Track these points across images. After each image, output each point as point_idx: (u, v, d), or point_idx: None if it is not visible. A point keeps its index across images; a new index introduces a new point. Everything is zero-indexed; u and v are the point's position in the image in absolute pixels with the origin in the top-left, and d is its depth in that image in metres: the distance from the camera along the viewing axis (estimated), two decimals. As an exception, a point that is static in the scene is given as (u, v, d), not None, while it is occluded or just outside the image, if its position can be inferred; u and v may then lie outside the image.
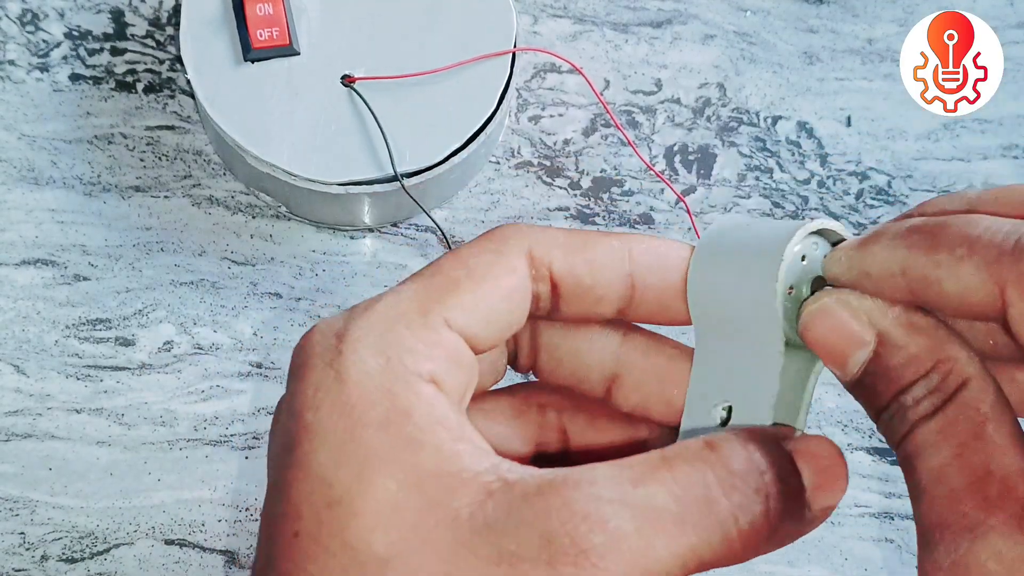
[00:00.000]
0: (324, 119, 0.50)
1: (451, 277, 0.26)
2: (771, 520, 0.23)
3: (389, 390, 0.23)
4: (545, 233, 0.27)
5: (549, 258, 0.26)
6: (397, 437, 0.23)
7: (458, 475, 0.23)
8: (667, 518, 0.22)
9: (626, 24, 0.59)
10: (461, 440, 0.23)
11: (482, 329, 0.25)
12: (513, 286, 0.26)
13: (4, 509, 0.49)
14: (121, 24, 0.55)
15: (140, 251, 0.53)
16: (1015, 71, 0.60)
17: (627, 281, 0.27)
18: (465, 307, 0.25)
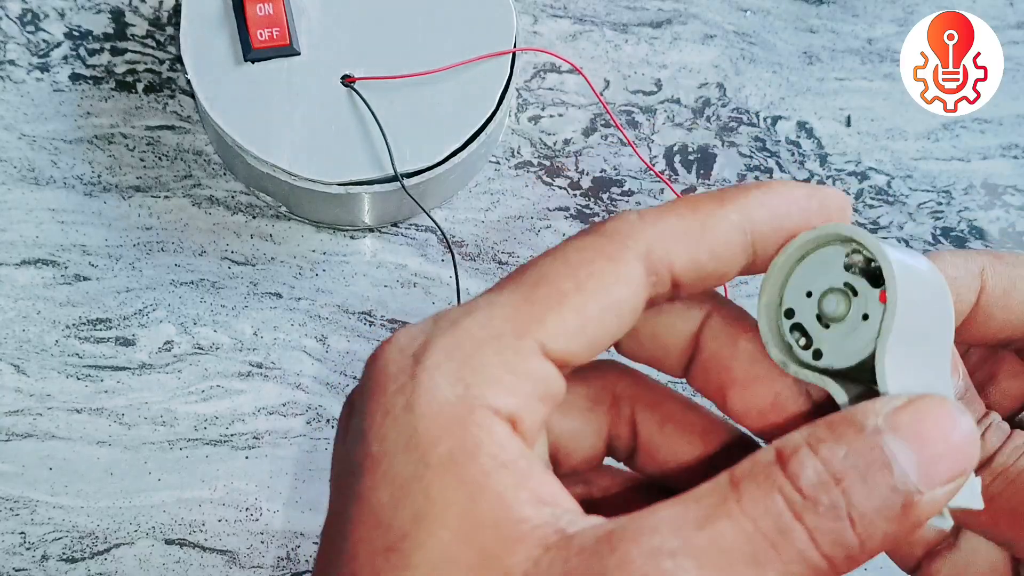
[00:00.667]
0: (324, 119, 0.50)
1: (556, 289, 0.23)
2: (862, 532, 0.20)
3: (459, 425, 0.21)
4: (660, 224, 0.24)
5: (670, 257, 0.23)
6: (459, 480, 0.21)
7: (516, 526, 0.21)
8: (739, 560, 0.20)
9: (626, 24, 0.59)
10: (524, 488, 0.21)
11: (583, 349, 0.23)
12: (626, 298, 0.23)
13: (4, 509, 0.49)
14: (121, 24, 0.55)
15: (140, 251, 0.53)
16: (1015, 71, 0.60)
17: (749, 251, 0.24)
18: (567, 329, 0.22)
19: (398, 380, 0.22)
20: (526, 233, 0.55)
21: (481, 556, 0.21)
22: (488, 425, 0.21)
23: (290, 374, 0.52)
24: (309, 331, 0.52)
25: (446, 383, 0.22)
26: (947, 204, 0.58)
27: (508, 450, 0.21)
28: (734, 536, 0.20)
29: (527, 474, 0.21)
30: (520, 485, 0.21)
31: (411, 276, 0.54)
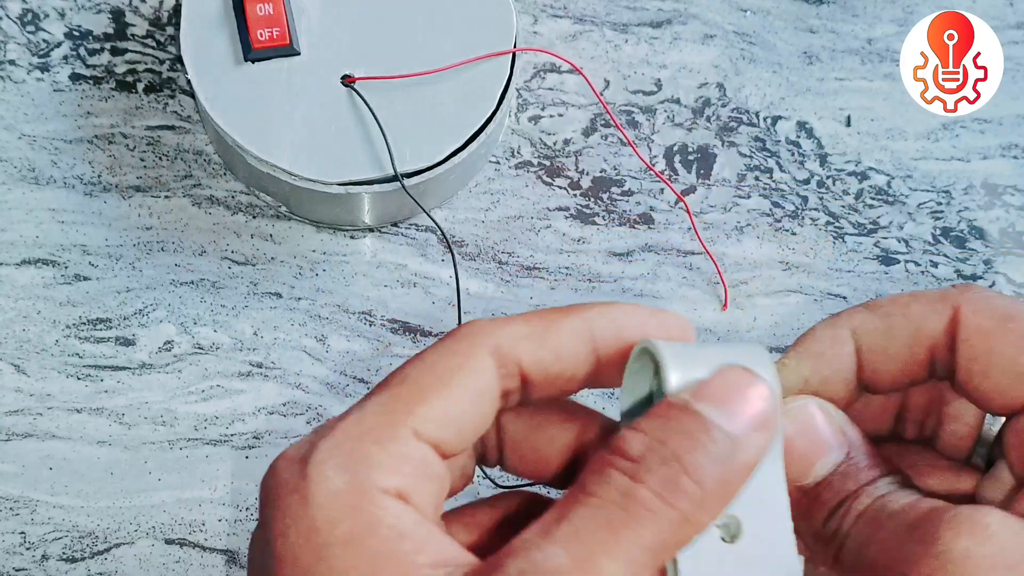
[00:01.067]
0: (324, 119, 0.50)
1: (419, 385, 0.25)
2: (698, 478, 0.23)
3: (355, 507, 0.23)
4: (509, 327, 0.27)
5: (516, 353, 0.26)
6: (361, 553, 0.23)
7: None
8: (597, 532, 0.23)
9: (626, 24, 0.59)
10: (423, 552, 0.23)
11: (453, 435, 0.25)
12: (482, 388, 0.26)
13: (4, 509, 0.49)
14: (121, 24, 0.55)
15: (140, 251, 0.53)
16: (1015, 71, 0.60)
17: (592, 358, 0.27)
18: (434, 416, 0.25)
19: (290, 483, 0.24)
20: (526, 233, 0.55)
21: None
22: (381, 502, 0.24)
23: (290, 374, 0.52)
24: (309, 331, 0.52)
25: (334, 474, 0.24)
26: (947, 204, 0.58)
27: (404, 521, 0.24)
28: (587, 515, 0.23)
29: (425, 540, 0.24)
30: (418, 551, 0.23)
31: (411, 276, 0.54)
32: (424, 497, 0.25)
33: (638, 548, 0.22)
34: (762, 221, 0.57)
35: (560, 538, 0.23)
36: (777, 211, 0.57)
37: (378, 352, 0.52)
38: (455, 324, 0.52)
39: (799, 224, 0.57)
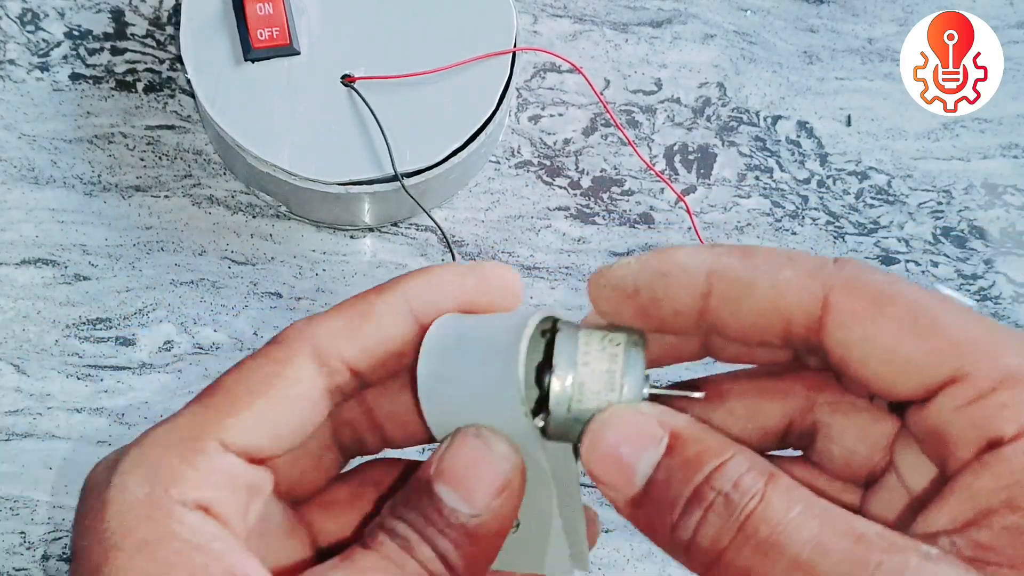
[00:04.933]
0: (324, 119, 0.50)
1: (229, 396, 0.26)
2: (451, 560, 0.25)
3: (150, 517, 0.24)
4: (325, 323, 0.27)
5: (337, 350, 0.27)
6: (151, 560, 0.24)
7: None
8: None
9: (626, 24, 0.59)
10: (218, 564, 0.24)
11: (268, 442, 0.26)
12: (300, 393, 0.26)
13: (4, 509, 0.49)
14: (121, 24, 0.55)
15: (140, 251, 0.53)
16: (1015, 71, 0.60)
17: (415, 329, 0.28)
18: (243, 426, 0.25)
19: (97, 488, 0.25)
20: (526, 233, 0.55)
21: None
22: (179, 515, 0.24)
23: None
24: (309, 331, 0.52)
25: (135, 484, 0.25)
26: (947, 204, 0.58)
27: (202, 534, 0.24)
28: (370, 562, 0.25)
29: (221, 554, 0.24)
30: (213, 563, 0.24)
31: (411, 276, 0.54)
32: (231, 508, 0.25)
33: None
34: (762, 221, 0.57)
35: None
36: (777, 211, 0.57)
37: (378, 352, 0.52)
38: (455, 324, 0.52)
39: (799, 224, 0.57)
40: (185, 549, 0.24)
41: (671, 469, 0.24)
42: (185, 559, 0.24)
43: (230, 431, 0.25)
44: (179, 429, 0.26)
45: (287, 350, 0.27)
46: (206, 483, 0.25)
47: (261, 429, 0.26)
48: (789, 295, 0.23)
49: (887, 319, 0.22)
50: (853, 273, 0.23)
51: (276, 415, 0.26)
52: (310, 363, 0.27)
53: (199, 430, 0.25)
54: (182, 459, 0.25)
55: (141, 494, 0.24)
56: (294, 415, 0.26)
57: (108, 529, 0.24)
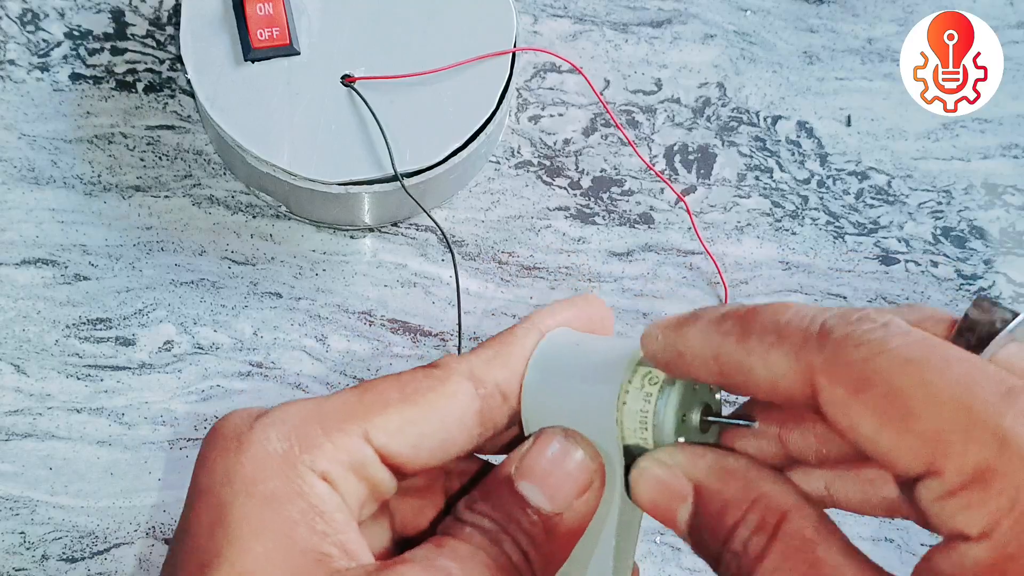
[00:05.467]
0: (324, 119, 0.50)
1: (382, 396, 0.27)
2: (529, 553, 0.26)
3: (284, 472, 0.25)
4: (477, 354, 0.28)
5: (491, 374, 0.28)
6: (277, 513, 0.24)
7: (322, 558, 0.24)
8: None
9: (626, 24, 0.59)
10: (333, 536, 0.25)
11: (409, 451, 0.27)
12: (452, 410, 0.27)
13: (4, 509, 0.49)
14: (121, 24, 0.55)
15: (140, 251, 0.53)
16: (1015, 71, 0.60)
17: None
18: (389, 427, 0.26)
19: (236, 431, 0.26)
20: (526, 233, 0.55)
21: (287, 571, 0.24)
22: (310, 480, 0.25)
23: (290, 374, 0.52)
24: (309, 331, 0.52)
25: (276, 437, 0.25)
26: (947, 204, 0.58)
27: (326, 503, 0.25)
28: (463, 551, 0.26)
29: (338, 527, 0.25)
30: (330, 533, 0.25)
31: (411, 276, 0.54)
32: (352, 495, 0.26)
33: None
34: (762, 221, 0.57)
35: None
36: (777, 211, 0.57)
37: (378, 352, 0.52)
38: (455, 324, 0.52)
39: (799, 224, 0.57)
40: (310, 512, 0.24)
41: (701, 523, 0.25)
42: (308, 521, 0.24)
43: (376, 427, 0.26)
44: (327, 407, 0.26)
45: (445, 371, 0.28)
46: (338, 460, 0.26)
47: (406, 435, 0.26)
48: (783, 381, 0.23)
49: (864, 407, 0.22)
50: (833, 352, 0.22)
51: (422, 423, 0.27)
52: (467, 382, 0.27)
53: (346, 415, 0.26)
54: (324, 432, 0.26)
55: (280, 448, 0.25)
56: (442, 430, 0.27)
57: (240, 473, 0.25)
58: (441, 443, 0.27)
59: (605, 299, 0.55)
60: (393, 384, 0.27)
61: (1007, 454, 0.20)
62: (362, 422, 0.26)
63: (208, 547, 0.24)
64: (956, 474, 0.21)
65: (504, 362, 0.28)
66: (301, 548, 0.24)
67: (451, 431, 0.27)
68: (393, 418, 0.26)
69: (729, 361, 0.24)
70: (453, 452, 0.27)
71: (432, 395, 0.27)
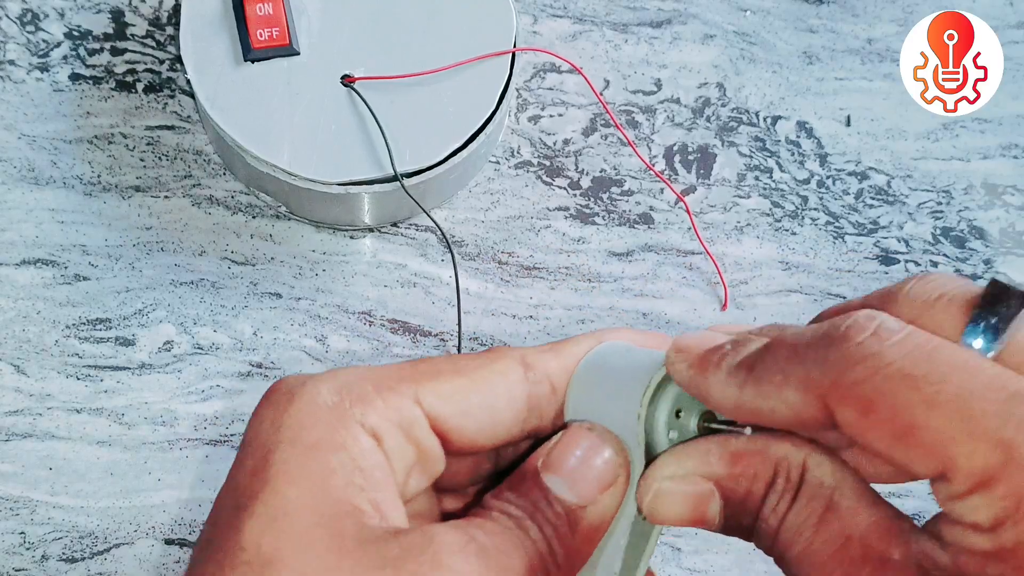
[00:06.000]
0: (324, 119, 0.50)
1: (436, 367, 0.27)
2: (553, 547, 0.26)
3: (330, 424, 0.25)
4: (532, 347, 0.29)
5: (543, 363, 0.28)
6: (317, 461, 0.25)
7: (356, 508, 0.25)
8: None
9: (626, 24, 0.59)
10: (370, 492, 0.25)
11: (458, 419, 0.27)
12: (502, 387, 0.28)
13: (4, 509, 0.49)
14: (121, 24, 0.55)
15: (140, 251, 0.53)
16: (1015, 71, 0.60)
17: None
18: (441, 393, 0.27)
19: (288, 387, 0.26)
20: (526, 233, 0.55)
21: (322, 516, 0.24)
22: (356, 434, 0.25)
23: (290, 374, 0.52)
24: (309, 331, 0.52)
25: (327, 392, 0.26)
26: (947, 204, 0.58)
27: (369, 459, 0.25)
28: (492, 528, 0.26)
29: (375, 484, 0.25)
30: (366, 488, 0.25)
31: (411, 276, 0.54)
32: (397, 452, 0.26)
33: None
34: (762, 221, 0.57)
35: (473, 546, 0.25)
36: (777, 211, 0.57)
37: (378, 352, 0.52)
38: (455, 324, 0.52)
39: (799, 224, 0.57)
40: (350, 464, 0.25)
41: (730, 511, 0.26)
42: (347, 473, 0.25)
43: (426, 391, 0.27)
44: (380, 371, 0.27)
45: (498, 354, 0.28)
46: (387, 418, 0.26)
47: (456, 402, 0.27)
48: (804, 413, 0.24)
49: (874, 426, 0.23)
50: (835, 378, 0.23)
51: (475, 396, 0.27)
52: (518, 365, 0.28)
53: (399, 378, 0.27)
54: (376, 389, 0.26)
55: (330, 401, 0.26)
56: (492, 405, 0.27)
57: (287, 423, 0.25)
58: (490, 418, 0.27)
59: (605, 299, 0.55)
60: (446, 359, 0.28)
61: (1011, 462, 0.21)
62: (414, 385, 0.27)
63: (247, 489, 0.25)
64: (963, 481, 0.22)
65: (557, 355, 0.29)
66: (334, 498, 0.24)
67: (500, 407, 0.28)
68: (444, 385, 0.27)
69: (751, 408, 0.25)
70: (500, 433, 0.28)
71: (484, 371, 0.28)
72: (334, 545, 0.24)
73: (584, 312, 0.54)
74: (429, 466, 0.27)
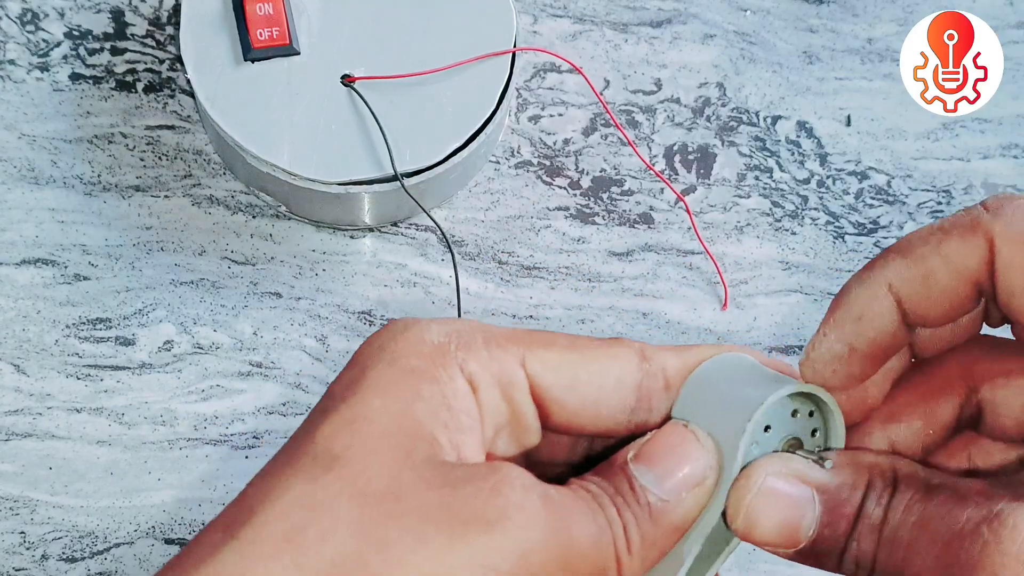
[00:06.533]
0: (324, 119, 0.50)
1: (552, 338, 0.27)
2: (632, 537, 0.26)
3: (431, 356, 0.26)
4: (656, 345, 0.29)
5: (661, 357, 0.28)
6: (409, 385, 0.25)
7: (432, 435, 0.25)
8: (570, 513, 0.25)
9: (626, 24, 0.59)
10: (448, 431, 0.25)
11: (560, 391, 0.27)
12: (614, 370, 0.27)
13: (4, 508, 0.49)
14: (121, 24, 0.55)
15: (140, 251, 0.53)
16: (1015, 71, 0.61)
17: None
18: (548, 361, 0.27)
19: (404, 323, 0.27)
20: (526, 233, 0.55)
21: (395, 428, 0.24)
22: (453, 374, 0.26)
23: (290, 374, 0.52)
24: (309, 331, 0.52)
25: (437, 331, 0.26)
26: (947, 204, 0.58)
27: (460, 401, 0.25)
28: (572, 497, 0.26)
29: (459, 426, 0.25)
30: (449, 427, 0.25)
31: (411, 276, 0.54)
32: (490, 406, 0.26)
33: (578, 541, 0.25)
34: (762, 221, 0.57)
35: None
36: (777, 211, 0.57)
37: (378, 352, 0.52)
38: (455, 324, 0.52)
39: (799, 224, 0.57)
40: (439, 399, 0.25)
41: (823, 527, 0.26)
42: (434, 405, 0.25)
43: (534, 355, 0.27)
44: (494, 328, 0.27)
45: (617, 340, 0.28)
46: (489, 370, 0.26)
47: (561, 373, 0.27)
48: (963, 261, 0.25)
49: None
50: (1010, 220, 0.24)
51: (582, 371, 0.27)
52: (634, 353, 0.28)
53: (511, 338, 0.27)
54: (485, 341, 0.26)
55: (436, 340, 0.26)
56: (598, 383, 0.27)
57: (392, 348, 0.26)
58: (594, 397, 0.27)
59: (605, 299, 0.55)
60: (565, 335, 0.28)
61: None
62: (523, 348, 0.27)
63: (337, 395, 0.25)
64: None
65: (676, 353, 0.28)
66: (416, 419, 0.25)
67: (607, 389, 0.27)
68: (553, 355, 0.27)
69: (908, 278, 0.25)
70: (603, 415, 0.27)
71: (598, 351, 0.27)
72: (400, 456, 0.24)
73: (584, 312, 0.54)
74: (521, 433, 0.27)
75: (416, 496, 0.24)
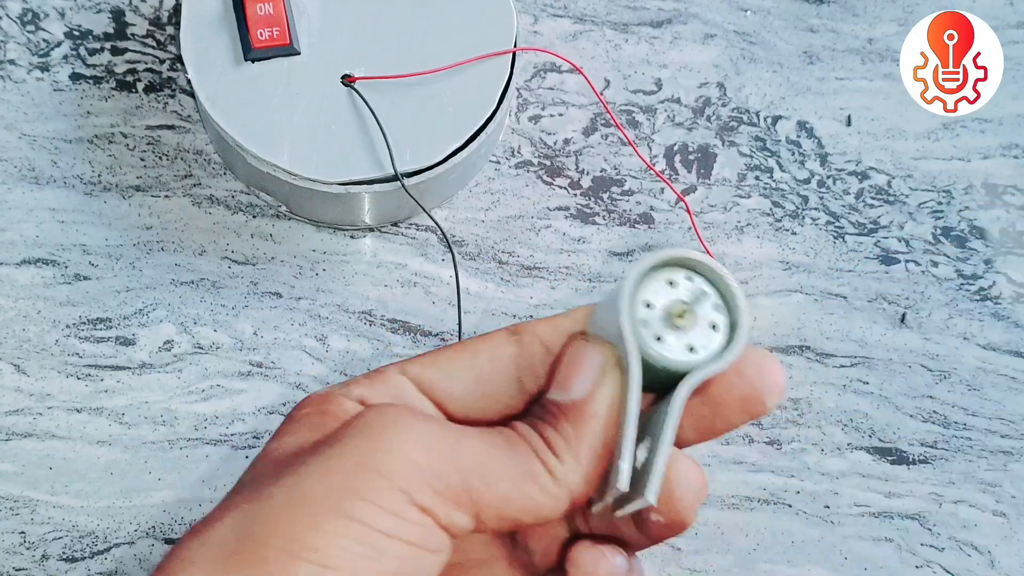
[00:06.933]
0: (324, 119, 0.50)
1: (430, 353, 0.31)
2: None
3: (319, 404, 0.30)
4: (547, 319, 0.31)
5: (533, 327, 0.30)
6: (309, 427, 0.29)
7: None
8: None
9: (626, 24, 0.59)
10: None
11: (444, 382, 0.30)
12: (480, 350, 0.30)
13: (4, 508, 0.49)
14: (121, 24, 0.55)
15: (140, 250, 0.53)
16: (1015, 71, 0.61)
17: None
18: (424, 363, 0.30)
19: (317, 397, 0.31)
20: (526, 233, 0.55)
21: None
22: (340, 401, 0.29)
23: (290, 374, 0.52)
24: (309, 331, 0.52)
25: (329, 386, 0.30)
26: (947, 204, 0.58)
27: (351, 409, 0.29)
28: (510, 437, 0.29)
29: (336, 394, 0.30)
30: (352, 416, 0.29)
31: (411, 276, 0.54)
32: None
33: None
34: (762, 221, 0.57)
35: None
36: (777, 211, 0.57)
37: (378, 352, 0.52)
38: (455, 324, 0.52)
39: (799, 224, 0.57)
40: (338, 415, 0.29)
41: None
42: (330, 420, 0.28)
43: (411, 364, 0.30)
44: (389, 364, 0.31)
45: (511, 331, 0.31)
46: (372, 388, 0.30)
47: (439, 367, 0.30)
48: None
49: None
50: None
51: (458, 360, 0.30)
52: (504, 332, 0.30)
53: (388, 367, 0.30)
54: (367, 377, 0.30)
55: (323, 391, 0.30)
56: (475, 366, 0.30)
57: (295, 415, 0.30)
58: (475, 379, 0.30)
59: (605, 299, 0.55)
60: (459, 345, 0.31)
61: None
62: (400, 365, 0.30)
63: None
64: None
65: (548, 321, 0.31)
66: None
67: (484, 369, 0.30)
68: (428, 357, 0.30)
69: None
70: (492, 394, 0.30)
71: (469, 342, 0.30)
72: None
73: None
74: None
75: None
